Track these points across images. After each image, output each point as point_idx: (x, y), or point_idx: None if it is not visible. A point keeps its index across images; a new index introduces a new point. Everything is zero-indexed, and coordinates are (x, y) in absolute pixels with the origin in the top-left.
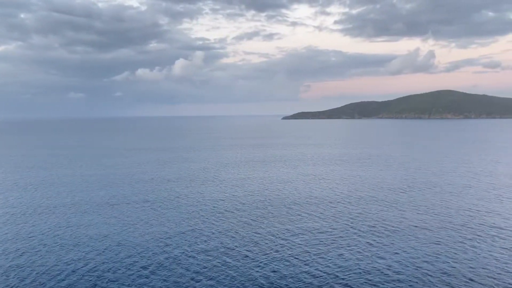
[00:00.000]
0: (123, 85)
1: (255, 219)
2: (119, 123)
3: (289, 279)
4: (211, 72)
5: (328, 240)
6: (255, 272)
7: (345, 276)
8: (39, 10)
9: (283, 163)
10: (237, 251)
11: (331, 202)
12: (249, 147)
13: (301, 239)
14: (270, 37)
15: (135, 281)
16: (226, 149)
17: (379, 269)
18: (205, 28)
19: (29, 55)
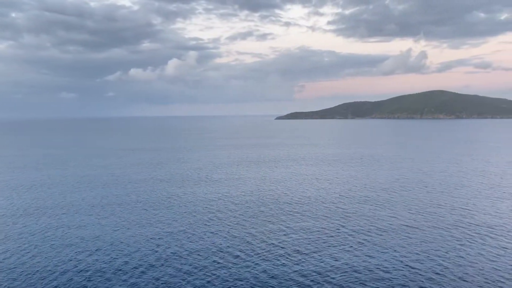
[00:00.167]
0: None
1: (247, 219)
2: (111, 123)
3: (280, 278)
4: (204, 72)
5: (320, 239)
6: (247, 272)
7: (336, 275)
8: (31, 9)
9: (276, 163)
10: (228, 251)
11: (323, 202)
12: (242, 147)
13: (293, 239)
14: (263, 37)
15: (127, 282)
16: (219, 149)
17: (370, 268)
18: (198, 28)
19: (20, 54)
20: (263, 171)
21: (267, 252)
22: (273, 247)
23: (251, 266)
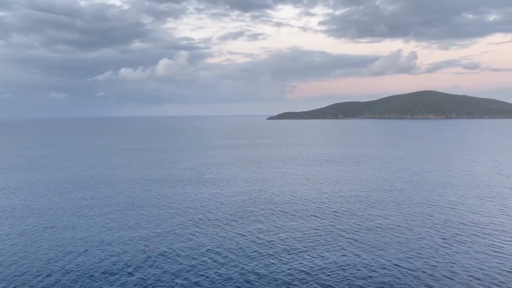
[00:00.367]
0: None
1: (236, 220)
2: (102, 124)
3: (268, 278)
4: (195, 72)
5: (309, 239)
6: (235, 272)
7: (324, 275)
8: (20, 8)
9: (268, 163)
10: (217, 251)
11: (313, 201)
12: (234, 147)
13: (282, 239)
14: (254, 37)
15: (115, 283)
16: (210, 150)
17: (358, 268)
18: (189, 27)
19: (9, 54)
20: (254, 171)
21: (255, 252)
22: (262, 247)
23: (239, 266)
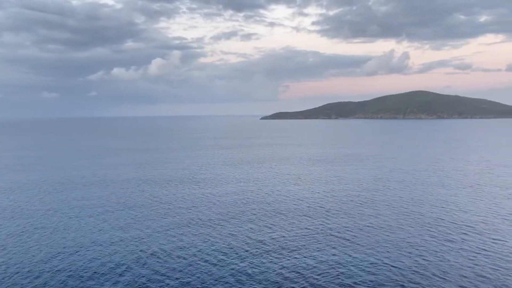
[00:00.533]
0: (98, 85)
1: (228, 220)
2: (94, 124)
3: (260, 278)
4: (188, 71)
5: (301, 238)
6: (227, 272)
7: (316, 274)
8: (10, 7)
9: (261, 163)
10: (209, 251)
11: (306, 201)
12: (227, 147)
13: (274, 238)
14: (248, 37)
15: (105, 284)
16: (203, 150)
17: (349, 267)
18: (182, 27)
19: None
20: (247, 171)
21: (247, 252)
22: (254, 246)
23: (231, 266)
